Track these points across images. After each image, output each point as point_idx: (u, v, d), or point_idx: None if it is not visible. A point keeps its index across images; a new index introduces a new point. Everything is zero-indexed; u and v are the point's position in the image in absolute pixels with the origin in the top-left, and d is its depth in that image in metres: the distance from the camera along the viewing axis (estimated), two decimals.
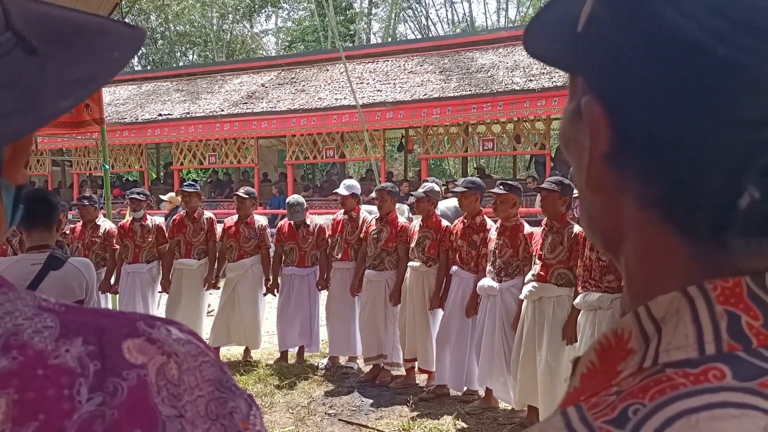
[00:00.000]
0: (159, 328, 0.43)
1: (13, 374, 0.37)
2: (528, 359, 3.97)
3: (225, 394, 0.43)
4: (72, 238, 5.90)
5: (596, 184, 0.39)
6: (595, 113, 0.37)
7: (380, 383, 5.14)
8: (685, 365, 0.34)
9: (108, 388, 0.39)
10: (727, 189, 0.34)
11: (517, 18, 30.25)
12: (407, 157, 19.11)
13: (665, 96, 0.35)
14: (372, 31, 32.36)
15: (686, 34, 0.33)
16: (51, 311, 0.41)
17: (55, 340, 0.40)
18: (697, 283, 0.35)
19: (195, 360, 0.43)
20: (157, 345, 0.42)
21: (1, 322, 0.40)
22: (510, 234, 4.23)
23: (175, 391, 0.41)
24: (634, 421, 0.32)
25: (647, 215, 0.38)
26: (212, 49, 29.50)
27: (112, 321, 0.42)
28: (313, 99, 15.39)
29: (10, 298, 0.41)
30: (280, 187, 15.44)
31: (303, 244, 5.61)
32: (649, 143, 0.36)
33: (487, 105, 13.08)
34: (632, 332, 0.37)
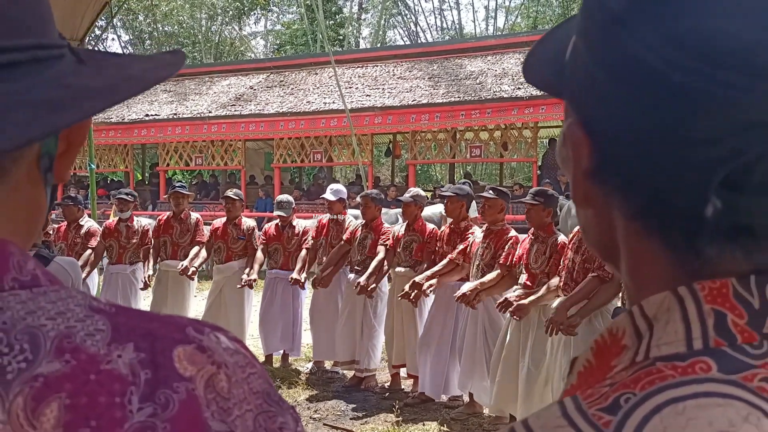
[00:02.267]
0: (209, 335, 0.42)
1: (66, 378, 0.37)
2: (510, 365, 3.99)
3: (273, 408, 0.42)
4: (56, 239, 5.83)
5: (583, 199, 0.43)
6: (576, 134, 0.41)
7: (365, 388, 5.13)
8: (674, 359, 0.36)
9: (159, 400, 0.38)
10: (694, 201, 0.37)
11: (505, 26, 30.47)
12: (394, 163, 19.13)
13: (632, 118, 0.38)
14: (361, 36, 32.42)
15: (647, 63, 0.37)
16: (102, 312, 0.40)
17: (107, 345, 0.39)
18: (686, 283, 0.38)
19: (243, 371, 0.42)
20: (207, 354, 0.41)
21: (54, 323, 0.39)
22: (495, 237, 4.27)
23: (225, 405, 0.40)
24: (626, 408, 0.34)
25: (631, 226, 0.41)
26: (201, 50, 29.37)
27: (162, 326, 0.41)
28: (302, 102, 15.37)
29: (61, 297, 0.40)
30: (267, 190, 15.39)
31: (288, 245, 5.59)
32: (623, 161, 0.39)
33: (475, 112, 13.14)
34: (626, 330, 0.40)
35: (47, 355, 0.37)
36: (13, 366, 0.36)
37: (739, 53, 0.35)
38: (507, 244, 4.19)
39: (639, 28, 0.37)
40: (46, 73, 0.41)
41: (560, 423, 0.36)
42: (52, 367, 0.37)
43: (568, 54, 0.43)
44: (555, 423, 0.36)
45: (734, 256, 0.38)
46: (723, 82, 0.35)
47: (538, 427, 0.36)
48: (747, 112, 0.35)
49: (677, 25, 0.36)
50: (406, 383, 5.14)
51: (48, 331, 0.38)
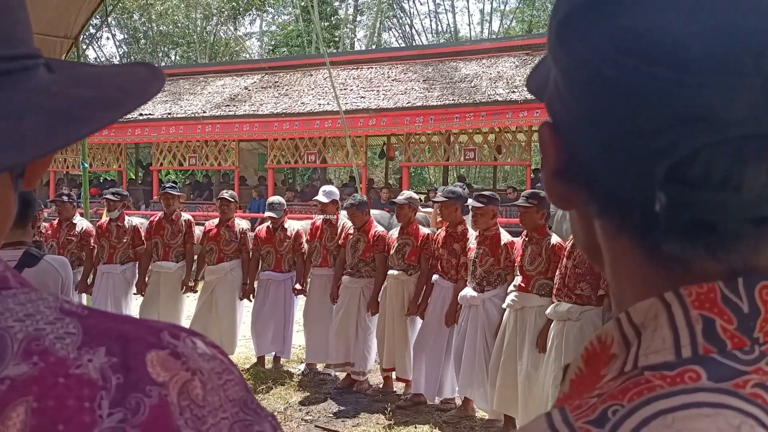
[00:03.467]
0: (184, 341, 0.41)
1: (34, 381, 0.36)
2: (508, 368, 3.98)
3: (250, 416, 0.41)
4: (47, 236, 5.79)
5: (555, 198, 0.43)
6: (545, 135, 0.42)
7: (357, 390, 5.12)
8: (663, 368, 0.35)
9: (130, 404, 0.37)
10: (643, 196, 0.37)
11: (500, 30, 30.55)
12: (388, 165, 19.14)
13: (583, 116, 0.39)
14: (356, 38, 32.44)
15: (589, 61, 0.38)
16: (73, 315, 0.40)
17: (78, 348, 0.38)
18: (672, 288, 0.37)
19: (219, 378, 0.41)
20: (181, 360, 0.40)
21: (22, 325, 0.38)
22: (490, 243, 4.26)
23: (200, 412, 0.39)
24: (613, 421, 0.33)
25: (604, 224, 0.41)
26: (195, 50, 29.30)
27: (136, 329, 0.40)
28: (296, 103, 15.35)
29: (32, 299, 0.40)
30: (260, 191, 15.36)
31: (279, 247, 5.57)
32: (583, 159, 0.40)
33: (470, 115, 13.16)
34: (614, 338, 0.39)
35: (14, 357, 0.36)
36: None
37: (669, 48, 0.35)
38: (504, 251, 4.20)
39: (584, 28, 0.38)
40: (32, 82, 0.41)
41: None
42: (19, 369, 0.36)
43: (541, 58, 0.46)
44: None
45: (698, 254, 0.37)
46: (653, 76, 0.36)
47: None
48: (678, 105, 0.36)
49: (616, 23, 0.37)
50: (398, 386, 5.13)
51: (15, 333, 0.37)
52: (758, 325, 0.36)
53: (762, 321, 0.36)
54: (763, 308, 0.36)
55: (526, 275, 3.97)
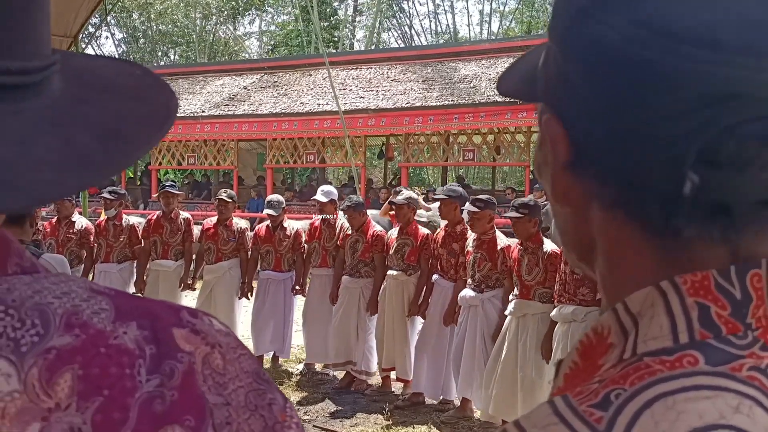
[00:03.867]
0: (202, 319, 0.44)
1: (77, 351, 0.38)
2: (507, 374, 3.97)
3: (263, 386, 0.44)
4: (45, 235, 5.78)
5: (563, 195, 0.43)
6: (553, 127, 0.42)
7: (356, 390, 5.11)
8: (662, 353, 0.37)
9: (165, 371, 0.40)
10: (671, 179, 0.37)
11: (499, 31, 30.57)
12: (387, 165, 19.14)
13: (601, 102, 0.39)
14: (356, 38, 32.44)
15: (611, 44, 0.38)
16: (103, 294, 0.42)
17: (113, 322, 0.40)
18: (668, 277, 0.39)
19: (234, 352, 0.44)
20: (201, 336, 0.43)
21: (60, 302, 0.40)
22: (487, 248, 4.26)
23: (221, 380, 0.42)
24: (617, 404, 0.34)
25: (611, 216, 0.41)
26: (194, 49, 29.28)
27: (159, 308, 0.43)
28: (296, 103, 15.35)
29: (63, 280, 0.42)
30: (259, 191, 15.34)
31: (279, 246, 5.56)
32: (599, 148, 0.40)
33: (469, 115, 13.17)
34: (611, 328, 0.40)
35: (57, 329, 0.39)
36: (26, 339, 0.38)
37: (701, 30, 0.36)
38: (501, 256, 4.20)
39: (604, 15, 0.38)
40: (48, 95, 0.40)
41: (552, 421, 0.36)
42: (64, 340, 0.39)
43: (541, 60, 0.44)
44: (546, 421, 0.36)
45: (712, 237, 0.38)
46: (686, 56, 0.36)
47: (530, 426, 0.36)
48: (712, 84, 0.36)
49: (640, 9, 0.37)
50: (396, 386, 5.13)
51: (56, 309, 0.40)
52: (750, 311, 0.37)
53: (754, 307, 0.37)
54: (754, 295, 0.37)
55: (525, 285, 3.97)
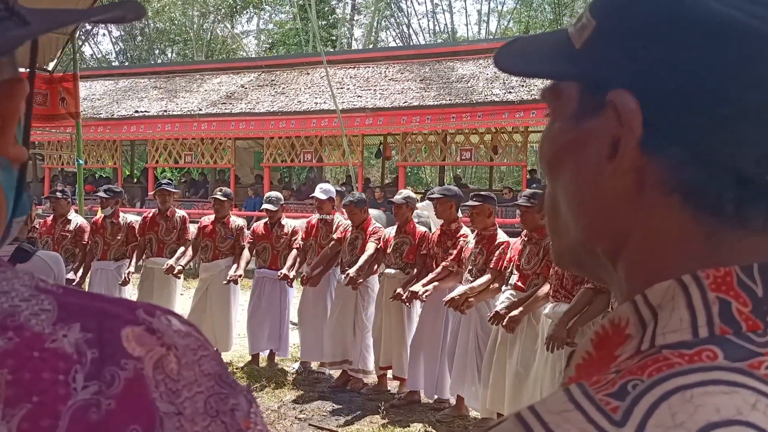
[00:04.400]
0: (159, 318, 0.42)
1: (8, 355, 0.37)
2: (500, 366, 3.98)
3: (225, 390, 0.42)
4: (41, 233, 5.77)
5: (622, 174, 0.41)
6: (629, 102, 0.39)
7: (351, 389, 5.11)
8: (681, 347, 0.36)
9: (105, 378, 0.38)
10: (761, 163, 0.37)
11: (497, 31, 30.57)
12: (385, 164, 19.12)
13: (702, 77, 0.38)
14: (354, 37, 32.41)
15: (722, 17, 0.37)
16: (49, 293, 0.40)
17: (53, 324, 0.38)
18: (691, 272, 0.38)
19: (194, 354, 0.41)
20: (156, 336, 0.40)
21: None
22: (487, 243, 4.25)
23: (174, 386, 0.39)
24: (633, 395, 0.34)
25: (666, 201, 0.40)
26: (192, 48, 29.23)
27: (111, 307, 0.41)
28: (293, 102, 15.33)
29: (7, 277, 0.40)
30: (256, 189, 15.33)
31: (276, 243, 5.56)
32: (683, 125, 0.39)
33: (466, 115, 13.16)
34: (629, 319, 0.40)
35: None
36: None
37: None
38: (498, 249, 4.19)
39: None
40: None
41: (567, 407, 0.35)
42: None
43: (585, 40, 0.42)
44: (562, 407, 0.36)
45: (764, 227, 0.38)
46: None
47: (545, 412, 0.36)
48: None
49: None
50: (392, 385, 5.12)
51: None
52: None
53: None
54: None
55: (523, 274, 3.96)
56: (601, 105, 0.41)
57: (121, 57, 31.54)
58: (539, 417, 0.36)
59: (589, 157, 0.42)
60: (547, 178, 0.47)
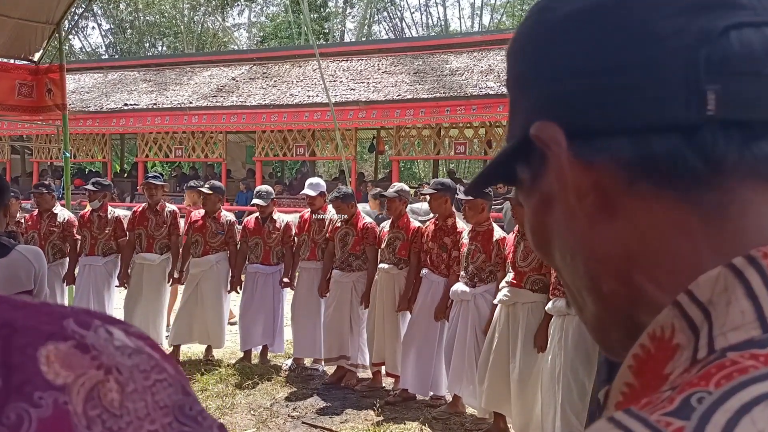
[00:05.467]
0: (96, 330, 0.31)
1: None
2: (499, 365, 3.91)
3: (188, 426, 0.31)
4: (27, 227, 5.64)
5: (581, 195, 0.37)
6: (538, 126, 0.37)
7: (346, 386, 5.02)
8: (749, 346, 0.30)
9: (8, 419, 0.27)
10: (692, 106, 0.34)
11: (490, 24, 30.48)
12: (378, 159, 19.01)
13: (586, 56, 0.36)
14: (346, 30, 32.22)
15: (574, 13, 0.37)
16: None
17: None
18: (740, 253, 0.32)
19: (146, 378, 0.31)
20: (91, 354, 0.30)
21: None
22: (482, 239, 4.17)
23: (115, 424, 0.29)
24: (702, 410, 0.28)
25: (640, 197, 0.36)
26: (182, 41, 28.95)
27: (28, 315, 0.29)
28: (285, 95, 15.17)
29: None
30: (248, 184, 15.18)
31: (268, 239, 5.45)
32: (598, 116, 0.36)
33: (461, 108, 13.07)
34: (675, 326, 0.33)
35: None
36: None
37: None
38: (495, 248, 4.11)
39: None
40: None
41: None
42: None
43: (509, 118, 0.43)
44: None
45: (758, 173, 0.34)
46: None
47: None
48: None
49: None
50: (387, 381, 5.04)
51: None
52: None
53: None
54: None
55: (518, 272, 3.89)
56: (540, 157, 0.39)
57: (110, 50, 31.21)
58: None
59: (556, 207, 0.39)
60: (552, 266, 0.43)
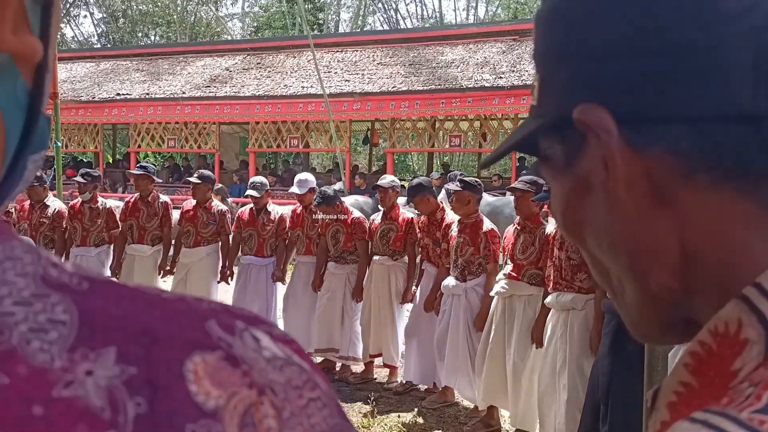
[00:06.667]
0: (242, 336, 0.25)
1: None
2: (496, 358, 3.90)
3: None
4: (18, 218, 5.57)
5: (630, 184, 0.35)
6: (587, 109, 0.35)
7: (340, 379, 5.00)
8: None
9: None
10: (761, 95, 0.32)
11: (486, 17, 30.38)
12: (372, 151, 18.95)
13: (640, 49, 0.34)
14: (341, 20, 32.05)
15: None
16: (64, 289, 0.23)
17: (69, 350, 0.22)
18: None
19: (299, 397, 0.25)
20: (241, 370, 0.24)
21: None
22: (470, 231, 4.15)
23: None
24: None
25: (698, 188, 0.34)
26: (175, 30, 28.72)
27: (166, 316, 0.24)
28: (279, 86, 15.07)
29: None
30: (242, 175, 15.10)
31: (262, 231, 5.40)
32: (653, 95, 0.34)
33: (456, 101, 13.02)
34: (742, 321, 0.31)
35: None
36: None
37: None
38: (483, 240, 4.08)
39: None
40: None
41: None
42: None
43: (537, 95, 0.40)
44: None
45: None
46: None
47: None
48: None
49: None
50: (379, 373, 5.03)
51: None
52: None
53: None
54: None
55: (517, 264, 3.86)
56: (579, 139, 0.37)
57: (103, 39, 30.94)
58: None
59: (597, 193, 0.37)
60: (580, 249, 0.41)
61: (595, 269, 0.41)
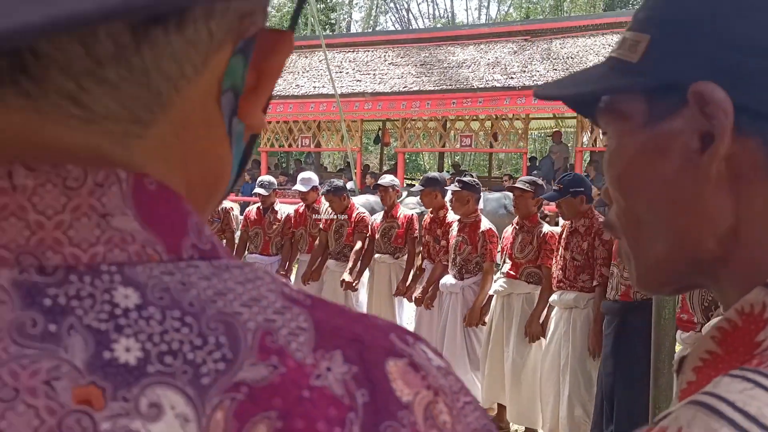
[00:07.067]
0: (414, 347, 0.30)
1: (276, 391, 0.26)
2: (496, 356, 3.93)
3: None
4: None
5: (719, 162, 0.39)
6: (717, 91, 0.38)
7: None
8: None
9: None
10: None
11: (497, 17, 30.33)
12: (383, 150, 18.97)
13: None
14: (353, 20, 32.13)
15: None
16: (300, 304, 0.29)
17: (313, 351, 0.28)
18: None
19: (458, 400, 0.30)
20: (421, 374, 0.29)
21: (250, 312, 0.28)
22: (469, 230, 4.18)
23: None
24: None
25: None
26: None
27: (367, 329, 0.29)
28: (291, 86, 15.14)
29: (249, 277, 0.29)
30: (253, 174, 15.18)
31: (268, 229, 5.42)
32: None
33: (467, 101, 13.01)
34: (765, 303, 0.37)
35: (249, 355, 0.27)
36: (209, 366, 0.26)
37: None
38: (483, 239, 4.11)
39: None
40: None
41: (746, 386, 0.33)
42: (257, 372, 0.26)
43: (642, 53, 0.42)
44: (740, 388, 0.33)
45: None
46: None
47: (726, 393, 0.33)
48: None
49: None
50: None
51: (246, 322, 0.27)
52: None
53: None
54: None
55: (515, 263, 3.91)
56: (676, 104, 0.41)
57: None
58: (723, 398, 0.33)
59: (675, 155, 0.41)
60: (620, 195, 0.45)
61: (626, 218, 0.45)
